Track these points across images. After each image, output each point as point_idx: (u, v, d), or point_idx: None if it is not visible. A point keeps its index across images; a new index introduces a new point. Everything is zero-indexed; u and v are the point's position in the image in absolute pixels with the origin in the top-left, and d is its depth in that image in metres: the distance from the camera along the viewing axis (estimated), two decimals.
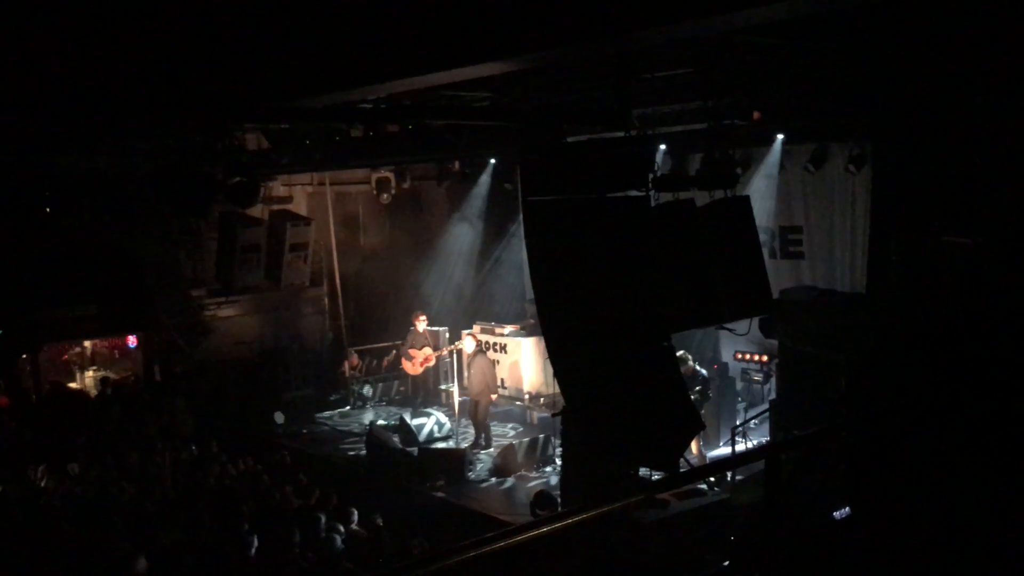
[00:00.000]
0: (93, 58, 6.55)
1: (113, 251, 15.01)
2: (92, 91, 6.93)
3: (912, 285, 8.89)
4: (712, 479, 10.90)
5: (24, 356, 15.45)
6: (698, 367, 12.46)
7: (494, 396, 14.14)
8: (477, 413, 13.97)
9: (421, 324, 15.87)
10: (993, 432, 5.63)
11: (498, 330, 15.62)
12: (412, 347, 15.92)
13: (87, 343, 18.01)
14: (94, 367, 18.23)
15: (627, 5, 4.31)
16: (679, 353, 12.03)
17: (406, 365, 16.12)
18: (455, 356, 15.18)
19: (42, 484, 10.67)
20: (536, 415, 14.91)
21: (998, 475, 5.26)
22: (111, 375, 17.17)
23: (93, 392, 16.38)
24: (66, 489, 10.58)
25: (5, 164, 10.85)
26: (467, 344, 14.51)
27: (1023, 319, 6.50)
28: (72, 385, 17.38)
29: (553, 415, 11.87)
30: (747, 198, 8.68)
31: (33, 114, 7.51)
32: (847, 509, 7.15)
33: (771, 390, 13.67)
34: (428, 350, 15.77)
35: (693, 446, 11.70)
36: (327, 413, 16.69)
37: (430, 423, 14.37)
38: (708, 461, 12.05)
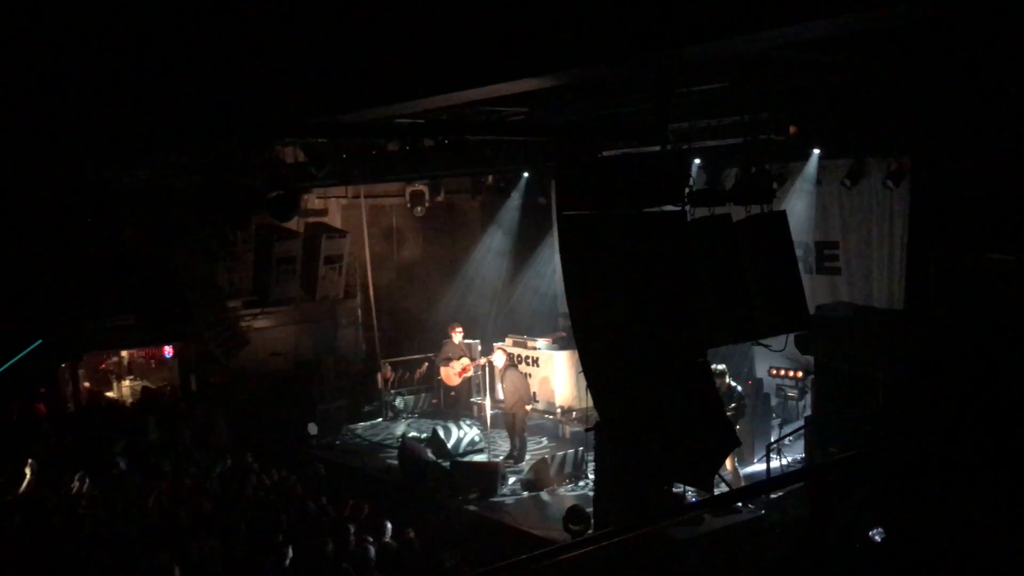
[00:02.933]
0: (137, 75, 6.67)
1: (152, 262, 15.22)
2: (135, 107, 7.06)
3: (952, 303, 8.79)
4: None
5: (64, 365, 15.69)
6: (733, 383, 12.37)
7: (528, 408, 14.12)
8: (515, 426, 13.95)
9: (457, 336, 15.87)
10: None
11: (530, 343, 15.60)
12: (449, 357, 15.90)
13: (124, 353, 18.24)
14: (131, 376, 18.46)
15: (668, 22, 4.32)
16: (719, 367, 11.99)
17: (445, 375, 16.03)
18: (487, 369, 15.18)
19: (79, 493, 10.80)
20: (568, 429, 14.86)
21: None
22: (149, 385, 17.37)
23: (130, 401, 16.58)
24: (102, 498, 10.70)
25: (49, 177, 11.06)
26: (497, 358, 14.50)
27: None
28: (109, 394, 17.61)
29: (586, 430, 11.82)
30: (783, 213, 8.61)
31: (78, 129, 7.65)
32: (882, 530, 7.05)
33: (806, 407, 13.53)
34: (466, 360, 15.73)
35: (728, 463, 11.59)
36: (360, 425, 16.76)
37: (463, 436, 14.37)
38: (742, 477, 11.95)
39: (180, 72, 6.54)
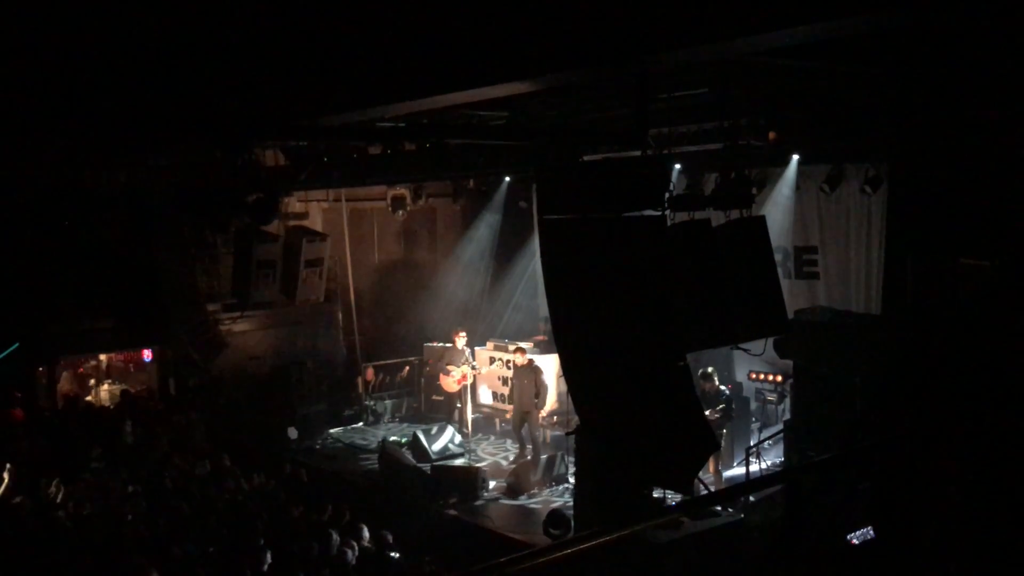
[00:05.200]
0: (114, 76, 6.63)
1: (130, 265, 15.12)
2: (113, 108, 7.02)
3: (928, 307, 8.87)
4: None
5: (40, 369, 15.55)
6: (722, 386, 12.44)
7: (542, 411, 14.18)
8: (530, 426, 13.96)
9: (460, 341, 15.72)
10: (1011, 453, 5.60)
11: (511, 347, 15.60)
12: (451, 363, 15.82)
13: (102, 357, 18.10)
14: (109, 380, 18.31)
15: (649, 27, 4.34)
16: (708, 370, 12.05)
17: (444, 381, 15.85)
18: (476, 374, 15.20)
19: (56, 497, 10.71)
20: (549, 433, 14.88)
21: (1018, 495, 5.23)
22: (128, 388, 17.24)
23: (108, 405, 16.44)
24: (79, 502, 10.61)
25: (26, 179, 10.98)
26: (516, 357, 14.41)
27: None
28: (87, 399, 17.46)
29: (567, 434, 11.85)
30: (763, 218, 8.68)
31: (55, 131, 7.60)
32: (863, 532, 7.11)
33: (785, 410, 13.61)
34: (467, 368, 15.61)
35: (710, 465, 11.66)
36: (340, 429, 16.70)
37: (444, 440, 14.36)
38: (724, 481, 12.01)
39: (160, 75, 6.51)
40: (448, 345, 15.97)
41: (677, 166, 13.03)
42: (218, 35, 6.18)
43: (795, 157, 13.14)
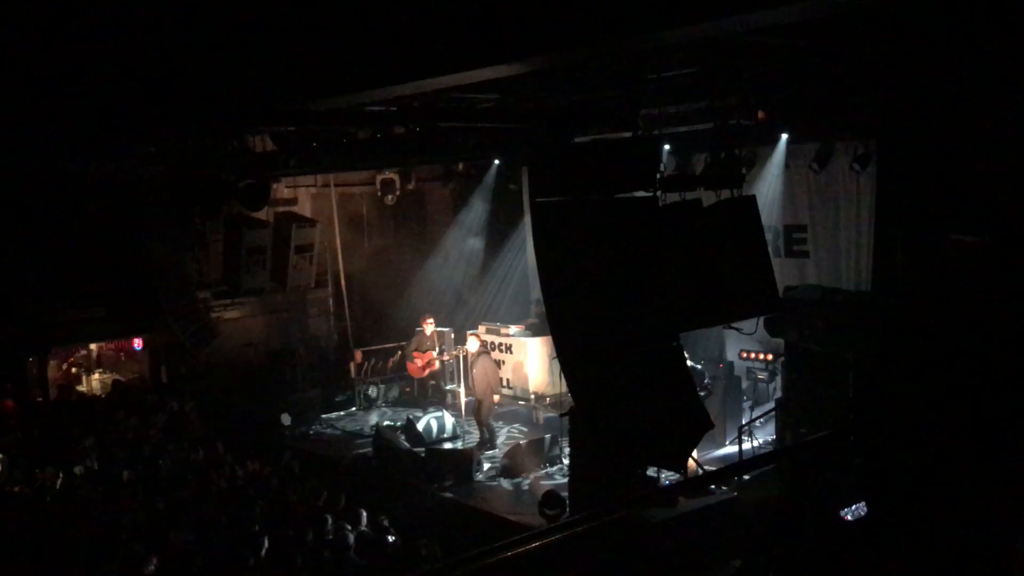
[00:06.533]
0: (102, 62, 6.59)
1: (120, 254, 15.05)
2: (101, 95, 6.98)
3: (919, 284, 8.91)
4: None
5: (31, 359, 15.50)
6: (698, 365, 12.49)
7: (496, 397, 14.16)
8: (480, 413, 14.00)
9: (429, 327, 15.90)
10: (1002, 431, 5.66)
11: (503, 330, 15.64)
12: (417, 349, 15.98)
13: (93, 346, 18.05)
14: (100, 370, 18.27)
15: (637, 8, 4.34)
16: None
17: (410, 367, 16.24)
18: (460, 357, 15.21)
19: (51, 486, 10.70)
20: (542, 415, 14.93)
21: (1010, 472, 5.28)
22: (119, 378, 17.21)
23: (100, 395, 16.41)
24: (75, 491, 10.61)
25: (15, 167, 10.90)
26: (471, 344, 14.53)
27: None
28: (79, 388, 17.41)
29: (561, 415, 11.89)
30: (753, 198, 8.70)
31: (43, 118, 7.55)
32: (856, 508, 7.17)
33: (777, 389, 13.70)
34: (431, 355, 15.78)
35: None
36: (334, 414, 16.72)
37: (437, 424, 14.40)
38: (709, 460, 12.07)
39: (148, 62, 6.47)
40: (418, 330, 16.02)
41: (667, 147, 13.03)
42: (206, 22, 6.14)
43: (784, 136, 13.16)
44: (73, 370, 17.96)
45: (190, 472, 11.56)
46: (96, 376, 18.00)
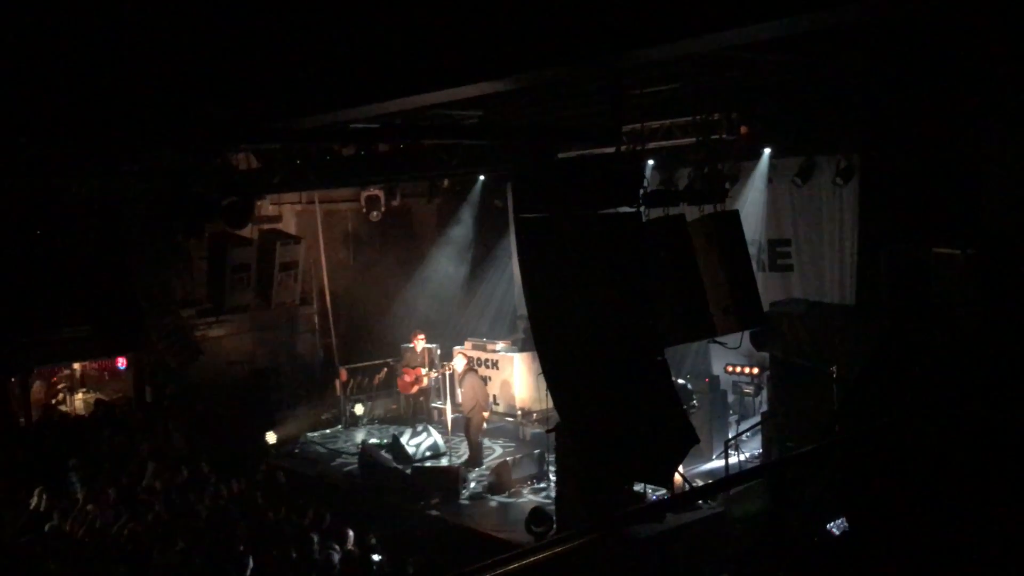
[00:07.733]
0: (85, 81, 6.57)
1: (103, 272, 14.96)
2: (84, 114, 6.95)
3: (902, 296, 8.97)
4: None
5: (13, 380, 15.36)
6: (681, 380, 12.51)
7: (486, 414, 14.12)
8: (469, 430, 13.96)
9: (420, 343, 15.83)
10: (986, 443, 5.68)
11: (489, 346, 15.63)
12: (407, 365, 15.90)
13: (76, 365, 17.90)
14: (84, 389, 18.12)
15: (621, 25, 4.36)
16: None
17: (400, 383, 16.17)
18: (446, 374, 15.17)
19: (39, 507, 10.60)
20: (529, 431, 14.90)
21: (994, 486, 5.30)
22: (103, 397, 17.08)
23: (83, 414, 16.28)
24: (59, 512, 10.51)
25: None
26: (457, 362, 14.50)
27: (1014, 329, 6.56)
28: (62, 408, 17.27)
29: (547, 431, 11.87)
30: (736, 212, 8.75)
31: (26, 137, 7.51)
32: (842, 522, 7.18)
33: (762, 402, 13.72)
34: (422, 371, 15.72)
35: None
36: (319, 432, 16.63)
37: (423, 441, 14.34)
38: (695, 474, 12.07)
39: (131, 80, 6.45)
40: (409, 346, 16.00)
41: (650, 162, 13.09)
42: (190, 40, 6.14)
43: (767, 150, 13.24)
44: (57, 389, 17.82)
45: (174, 492, 11.47)
46: (79, 395, 17.86)
